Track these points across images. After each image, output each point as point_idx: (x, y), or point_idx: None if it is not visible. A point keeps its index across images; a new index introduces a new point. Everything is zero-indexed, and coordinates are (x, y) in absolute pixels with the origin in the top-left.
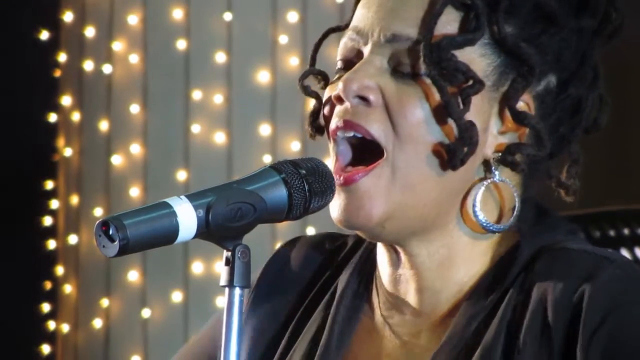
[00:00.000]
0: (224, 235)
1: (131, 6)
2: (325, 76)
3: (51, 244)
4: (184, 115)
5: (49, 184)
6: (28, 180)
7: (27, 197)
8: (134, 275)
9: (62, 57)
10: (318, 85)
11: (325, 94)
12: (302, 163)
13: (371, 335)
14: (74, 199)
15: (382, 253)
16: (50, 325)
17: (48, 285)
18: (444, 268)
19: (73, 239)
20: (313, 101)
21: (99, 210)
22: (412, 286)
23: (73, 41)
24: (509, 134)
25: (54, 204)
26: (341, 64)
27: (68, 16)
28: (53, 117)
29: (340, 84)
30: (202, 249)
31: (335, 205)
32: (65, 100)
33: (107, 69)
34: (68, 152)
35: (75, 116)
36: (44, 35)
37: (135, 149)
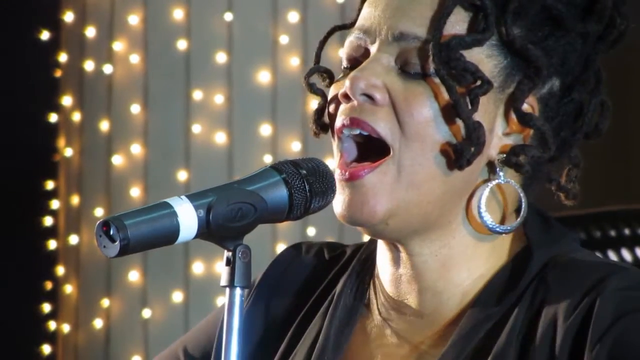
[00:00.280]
0: (225, 235)
1: (132, 6)
2: (331, 74)
3: (52, 244)
4: (184, 116)
5: (50, 184)
6: (29, 180)
7: (28, 197)
8: (134, 276)
9: (63, 57)
10: (323, 83)
11: (331, 92)
12: (303, 163)
13: (370, 336)
14: (75, 199)
15: (383, 252)
16: (51, 325)
17: (49, 285)
18: (445, 269)
19: (74, 239)
20: (314, 101)
21: (99, 211)
22: (413, 287)
23: (74, 41)
24: (513, 135)
25: (55, 204)
26: (347, 63)
27: (69, 16)
28: (54, 117)
29: (348, 82)
30: (203, 249)
31: (339, 201)
32: (66, 100)
33: (108, 69)
34: (69, 152)
35: (76, 116)
36: (45, 35)
37: (136, 149)
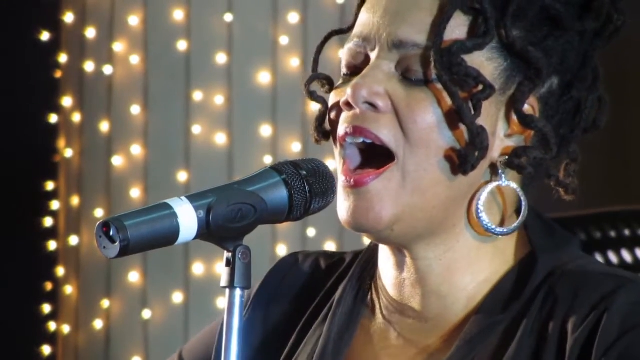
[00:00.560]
0: (225, 236)
1: (132, 7)
2: (330, 81)
3: (52, 245)
4: (184, 116)
5: (50, 185)
6: (29, 181)
7: (28, 198)
8: (134, 276)
9: (63, 58)
10: (322, 90)
11: (331, 98)
12: (303, 164)
13: (373, 337)
14: (75, 200)
15: (387, 257)
16: (51, 326)
17: (49, 286)
18: (449, 272)
19: (74, 240)
20: (314, 103)
21: (99, 211)
22: (417, 290)
23: (74, 42)
24: (515, 136)
25: (55, 204)
26: (347, 70)
27: (69, 17)
28: (54, 118)
29: (349, 90)
30: (203, 250)
31: (343, 207)
32: (66, 101)
33: (108, 69)
34: (69, 153)
35: (76, 117)
36: (45, 36)
37: (136, 149)
